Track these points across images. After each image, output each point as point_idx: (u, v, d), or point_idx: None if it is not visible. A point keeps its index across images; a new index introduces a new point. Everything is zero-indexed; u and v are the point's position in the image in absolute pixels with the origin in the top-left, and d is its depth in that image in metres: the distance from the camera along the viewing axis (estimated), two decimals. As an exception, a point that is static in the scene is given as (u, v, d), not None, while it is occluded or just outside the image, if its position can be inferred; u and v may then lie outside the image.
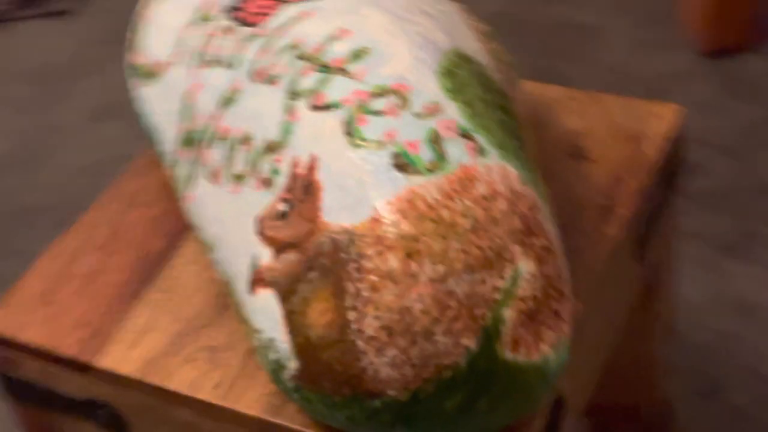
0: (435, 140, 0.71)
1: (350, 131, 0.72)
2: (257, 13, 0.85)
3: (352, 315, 0.69)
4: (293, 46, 0.79)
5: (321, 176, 0.72)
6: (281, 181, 0.74)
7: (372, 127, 0.72)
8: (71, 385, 0.84)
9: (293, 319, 0.71)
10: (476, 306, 0.68)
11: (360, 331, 0.69)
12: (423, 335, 0.68)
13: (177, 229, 0.90)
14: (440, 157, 0.71)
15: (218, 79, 0.84)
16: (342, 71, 0.75)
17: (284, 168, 0.74)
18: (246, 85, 0.80)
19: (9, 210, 1.78)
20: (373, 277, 0.68)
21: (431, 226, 0.69)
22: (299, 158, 0.74)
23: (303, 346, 0.71)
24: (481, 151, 0.72)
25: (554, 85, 1.01)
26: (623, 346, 1.07)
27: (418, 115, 0.72)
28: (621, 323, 0.92)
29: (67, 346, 0.83)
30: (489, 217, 0.70)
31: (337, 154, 0.72)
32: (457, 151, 0.71)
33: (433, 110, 0.73)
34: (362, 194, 0.70)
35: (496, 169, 0.72)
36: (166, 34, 0.92)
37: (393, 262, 0.68)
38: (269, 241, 0.74)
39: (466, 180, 0.70)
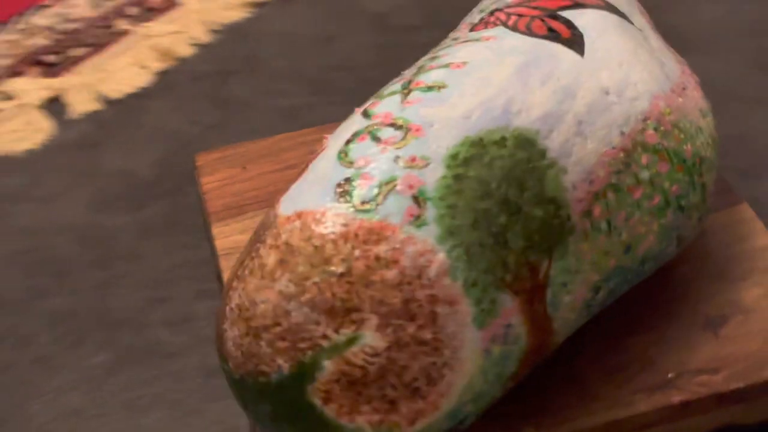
0: (386, 188, 0.72)
1: (348, 141, 0.76)
2: (486, 22, 0.87)
3: (235, 283, 0.75)
4: (433, 59, 0.82)
5: (311, 164, 0.77)
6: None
7: (361, 148, 0.74)
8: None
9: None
10: (302, 339, 0.71)
11: (230, 298, 0.75)
12: (254, 333, 0.72)
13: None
14: (374, 203, 0.72)
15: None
16: (406, 93, 0.77)
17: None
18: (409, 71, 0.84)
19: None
20: (256, 262, 0.74)
21: (311, 250, 0.71)
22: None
23: (223, 286, 0.79)
24: (418, 221, 0.71)
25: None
26: None
27: (398, 159, 0.73)
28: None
29: (216, 203, 0.97)
30: (365, 276, 0.70)
31: (328, 153, 0.76)
32: (394, 208, 0.71)
33: (415, 164, 0.73)
34: (303, 194, 0.74)
35: (419, 244, 0.71)
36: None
37: (271, 259, 0.73)
38: None
39: (375, 235, 0.71)
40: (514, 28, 0.83)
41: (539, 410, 0.78)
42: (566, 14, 0.85)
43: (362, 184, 0.72)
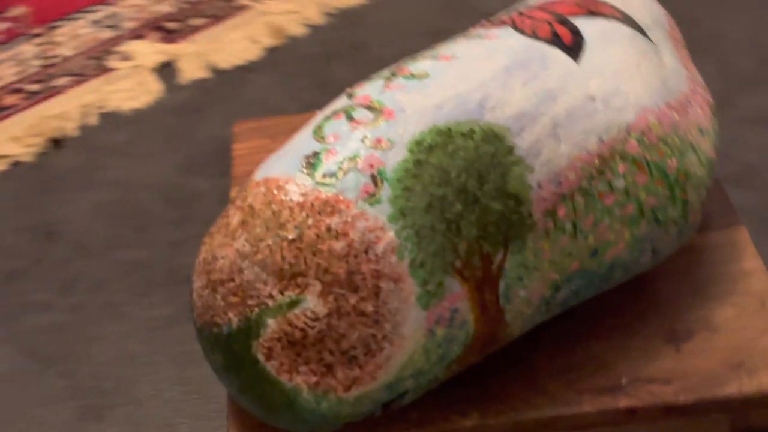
0: (347, 164, 0.76)
1: (326, 117, 0.80)
2: (499, 21, 0.89)
3: (206, 238, 0.80)
4: (430, 50, 0.85)
5: (294, 136, 0.81)
6: None
7: (334, 125, 0.78)
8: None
9: None
10: (250, 296, 0.75)
11: (200, 252, 0.80)
12: (212, 286, 0.77)
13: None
14: (334, 177, 0.75)
15: None
16: (390, 78, 0.81)
17: None
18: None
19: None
20: (224, 221, 0.78)
21: (269, 214, 0.76)
22: None
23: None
24: (372, 199, 0.75)
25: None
26: None
27: (364, 139, 0.77)
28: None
29: (241, 169, 1.02)
30: (313, 244, 0.74)
31: (307, 128, 0.80)
32: (352, 183, 0.75)
33: (380, 145, 0.76)
34: (275, 162, 0.79)
35: (370, 220, 0.74)
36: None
37: (235, 219, 0.77)
38: None
39: (330, 207, 0.75)
40: (520, 30, 0.85)
41: (486, 397, 0.81)
42: (577, 21, 0.87)
43: (327, 159, 0.76)
